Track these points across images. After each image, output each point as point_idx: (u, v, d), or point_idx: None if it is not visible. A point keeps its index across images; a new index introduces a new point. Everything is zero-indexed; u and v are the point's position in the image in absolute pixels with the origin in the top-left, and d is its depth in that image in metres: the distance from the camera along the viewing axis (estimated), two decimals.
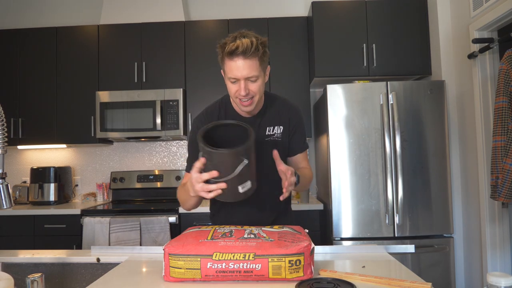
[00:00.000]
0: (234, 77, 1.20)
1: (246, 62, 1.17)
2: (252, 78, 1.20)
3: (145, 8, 3.16)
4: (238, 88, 1.21)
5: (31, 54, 3.11)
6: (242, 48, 1.16)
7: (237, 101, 1.26)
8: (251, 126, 1.27)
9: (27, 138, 3.08)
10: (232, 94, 1.26)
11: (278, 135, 1.36)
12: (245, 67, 1.18)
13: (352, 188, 2.44)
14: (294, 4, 3.39)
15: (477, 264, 2.41)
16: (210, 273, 0.96)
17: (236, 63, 1.18)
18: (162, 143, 3.41)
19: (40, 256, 1.34)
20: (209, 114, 1.37)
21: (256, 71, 1.20)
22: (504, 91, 1.93)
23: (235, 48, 1.16)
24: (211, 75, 3.04)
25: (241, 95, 1.22)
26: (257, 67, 1.20)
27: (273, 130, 1.35)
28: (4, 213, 2.74)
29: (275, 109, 1.38)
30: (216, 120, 1.33)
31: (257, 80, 1.22)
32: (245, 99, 1.23)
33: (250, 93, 1.22)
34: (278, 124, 1.36)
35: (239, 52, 1.16)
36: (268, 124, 1.36)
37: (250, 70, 1.18)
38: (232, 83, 1.23)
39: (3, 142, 1.01)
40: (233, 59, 1.18)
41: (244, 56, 1.17)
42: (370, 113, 2.46)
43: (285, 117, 1.37)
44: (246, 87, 1.20)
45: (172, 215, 2.66)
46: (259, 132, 1.34)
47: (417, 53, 2.83)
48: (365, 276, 0.99)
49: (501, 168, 1.92)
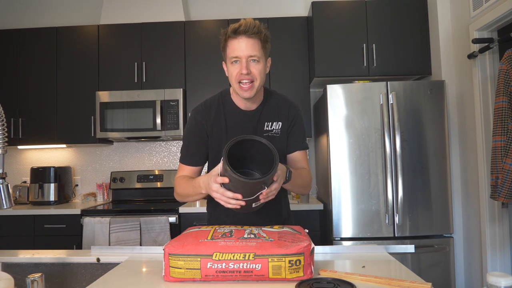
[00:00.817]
0: (236, 55, 1.21)
1: (248, 41, 1.19)
2: (254, 57, 1.21)
3: (145, 8, 3.16)
4: (240, 68, 1.21)
5: (31, 54, 3.11)
6: (245, 26, 1.18)
7: (237, 86, 1.24)
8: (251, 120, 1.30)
9: (27, 138, 3.08)
10: (233, 78, 1.24)
11: (277, 131, 1.35)
12: (247, 45, 1.19)
13: (352, 188, 2.44)
14: (294, 4, 3.39)
15: (477, 264, 2.41)
16: (210, 273, 0.96)
17: (238, 42, 1.20)
18: (162, 143, 3.41)
19: (40, 256, 1.34)
20: (208, 106, 1.36)
21: (258, 51, 1.21)
22: (504, 91, 1.93)
23: (238, 26, 1.19)
24: (211, 75, 3.04)
25: (243, 73, 1.20)
26: (259, 48, 1.21)
27: (271, 126, 1.34)
28: (4, 213, 2.75)
29: (274, 104, 1.37)
30: (214, 113, 1.33)
31: (259, 62, 1.22)
32: (246, 81, 1.21)
33: (252, 75, 1.22)
34: (277, 119, 1.35)
35: (242, 29, 1.18)
36: (267, 119, 1.35)
37: (252, 48, 1.20)
38: (233, 64, 1.23)
39: (3, 142, 1.01)
40: (236, 37, 1.20)
41: (246, 35, 1.19)
42: (370, 113, 2.46)
43: (284, 113, 1.36)
44: (248, 67, 1.21)
45: (172, 215, 2.66)
46: (258, 127, 1.33)
47: (417, 53, 2.83)
48: (365, 276, 0.99)
49: (501, 168, 1.92)
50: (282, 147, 1.36)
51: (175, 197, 1.40)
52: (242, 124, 1.34)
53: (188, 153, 1.39)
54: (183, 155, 1.40)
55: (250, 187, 1.05)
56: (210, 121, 1.34)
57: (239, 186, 1.06)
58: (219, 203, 1.14)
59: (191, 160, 1.38)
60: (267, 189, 1.07)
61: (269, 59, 1.31)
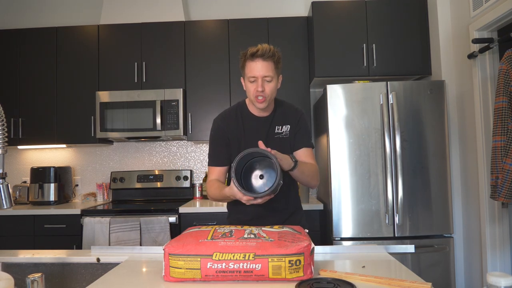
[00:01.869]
0: (254, 75, 1.43)
1: (264, 63, 1.42)
2: (268, 78, 1.44)
3: (145, 8, 3.16)
4: (256, 86, 1.43)
5: (31, 54, 3.11)
6: (262, 50, 1.41)
7: (254, 99, 1.47)
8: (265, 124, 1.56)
9: (27, 138, 3.08)
10: (250, 93, 1.47)
11: (286, 132, 1.56)
12: (263, 67, 1.42)
13: (352, 188, 2.44)
14: (294, 4, 3.39)
15: (477, 264, 2.41)
16: (210, 273, 0.96)
17: (256, 64, 1.42)
18: (162, 143, 3.41)
19: (40, 256, 1.34)
20: (227, 114, 1.60)
21: (272, 72, 1.44)
22: (504, 91, 1.93)
23: (256, 50, 1.41)
24: (211, 75, 3.04)
25: (258, 91, 1.43)
26: (273, 69, 1.44)
27: (281, 129, 1.56)
28: (4, 213, 2.75)
29: (283, 111, 1.59)
30: (233, 121, 1.58)
31: (272, 81, 1.45)
32: (261, 96, 1.44)
33: (265, 92, 1.44)
34: (286, 123, 1.57)
35: (259, 53, 1.41)
36: (277, 124, 1.56)
37: (267, 70, 1.43)
38: (251, 82, 1.45)
39: (3, 142, 1.01)
40: (254, 60, 1.42)
41: (263, 58, 1.41)
42: (370, 113, 2.46)
43: (291, 117, 1.57)
44: (263, 85, 1.43)
45: (172, 215, 2.66)
46: (270, 130, 1.56)
47: (417, 53, 2.83)
48: (365, 276, 0.99)
49: (501, 168, 1.92)
50: (290, 147, 1.56)
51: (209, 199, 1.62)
52: (257, 127, 1.56)
53: (215, 156, 1.59)
54: (210, 159, 1.60)
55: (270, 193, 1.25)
56: (231, 126, 1.57)
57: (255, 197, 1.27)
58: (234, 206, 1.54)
59: (218, 161, 1.58)
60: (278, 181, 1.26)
61: (281, 76, 1.53)
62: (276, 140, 1.54)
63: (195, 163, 3.39)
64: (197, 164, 3.39)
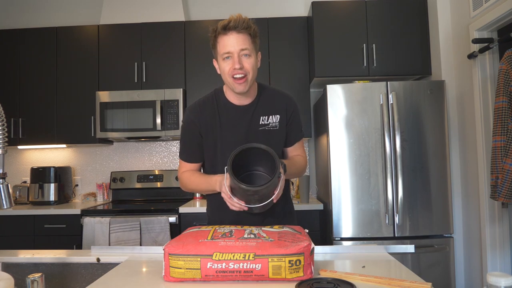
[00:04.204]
0: (228, 51, 1.23)
1: (239, 36, 1.22)
2: (245, 51, 1.23)
3: (145, 8, 3.16)
4: (232, 63, 1.23)
5: (31, 54, 3.11)
6: (234, 22, 1.21)
7: (231, 81, 1.25)
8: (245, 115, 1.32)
9: (27, 138, 3.08)
10: (226, 73, 1.25)
11: (274, 124, 1.35)
12: (238, 40, 1.22)
13: (352, 188, 2.44)
14: (294, 4, 3.39)
15: (477, 264, 2.41)
16: (210, 273, 0.96)
17: (229, 37, 1.22)
18: (162, 143, 3.41)
19: (40, 256, 1.34)
20: (201, 105, 1.38)
21: (249, 45, 1.24)
22: (504, 91, 1.93)
23: (228, 22, 1.22)
24: (211, 75, 3.04)
25: (236, 68, 1.22)
26: (250, 42, 1.24)
27: (267, 119, 1.35)
28: (4, 213, 2.75)
29: (269, 98, 1.37)
30: (209, 110, 1.35)
31: (251, 56, 1.24)
32: (239, 75, 1.23)
33: (244, 69, 1.23)
34: (274, 113, 1.36)
35: (232, 25, 1.21)
36: (262, 113, 1.35)
37: (243, 42, 1.22)
38: (225, 60, 1.25)
39: (3, 142, 1.01)
40: (227, 33, 1.23)
41: (236, 30, 1.22)
42: (370, 113, 2.46)
43: (280, 106, 1.37)
44: (240, 61, 1.22)
45: (172, 215, 2.66)
46: (252, 121, 1.34)
47: (417, 53, 2.83)
48: (365, 276, 0.99)
49: (501, 168, 1.92)
50: (282, 140, 1.38)
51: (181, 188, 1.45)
52: (236, 119, 1.34)
53: (185, 151, 1.42)
54: (181, 152, 1.43)
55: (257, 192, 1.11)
56: (204, 120, 1.35)
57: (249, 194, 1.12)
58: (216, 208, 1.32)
59: (189, 157, 1.42)
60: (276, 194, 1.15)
61: (259, 54, 1.33)
62: (260, 133, 1.32)
63: None
64: None
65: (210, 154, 1.38)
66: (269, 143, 1.20)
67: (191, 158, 1.41)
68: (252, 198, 1.14)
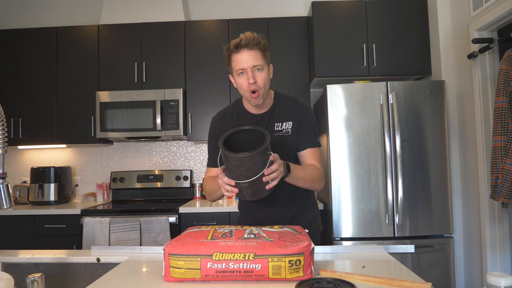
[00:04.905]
0: (242, 68, 1.33)
1: (250, 53, 1.32)
2: (258, 66, 1.33)
3: (145, 8, 3.16)
4: (247, 79, 1.34)
5: (31, 54, 3.11)
6: (246, 39, 1.31)
7: (247, 95, 1.37)
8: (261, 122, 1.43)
9: (27, 138, 3.08)
10: (243, 89, 1.36)
11: (287, 130, 1.43)
12: (250, 57, 1.32)
13: (352, 188, 2.44)
14: (294, 4, 3.39)
15: (477, 264, 2.41)
16: (210, 273, 0.96)
17: (242, 55, 1.32)
18: (162, 143, 3.41)
19: (40, 256, 1.34)
20: (223, 114, 1.53)
21: (260, 60, 1.34)
22: (504, 91, 1.93)
23: (239, 41, 1.32)
24: (211, 75, 3.04)
25: (250, 83, 1.33)
26: (261, 57, 1.34)
27: (281, 126, 1.44)
28: (4, 213, 2.75)
29: (283, 106, 1.47)
30: (229, 119, 1.48)
31: (263, 70, 1.35)
32: (253, 89, 1.34)
33: (257, 85, 1.34)
34: (287, 119, 1.44)
35: (243, 43, 1.31)
36: (277, 120, 1.44)
37: (255, 59, 1.33)
38: (240, 75, 1.36)
39: (3, 142, 1.01)
40: (239, 51, 1.33)
41: (248, 48, 1.32)
42: (370, 113, 2.46)
43: (293, 113, 1.45)
44: (253, 76, 1.33)
45: (172, 215, 2.66)
46: (268, 128, 1.43)
47: (417, 53, 2.83)
48: (365, 276, 0.99)
49: (501, 168, 1.92)
50: (293, 145, 1.45)
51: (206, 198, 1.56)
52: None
53: (210, 157, 1.55)
54: (208, 160, 1.57)
55: (245, 162, 1.12)
56: (225, 127, 1.43)
57: (236, 165, 1.13)
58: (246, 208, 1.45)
59: (212, 163, 1.52)
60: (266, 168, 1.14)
61: (271, 66, 1.43)
62: (276, 139, 1.42)
63: (195, 163, 3.39)
64: (197, 164, 3.39)
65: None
66: (283, 147, 1.37)
67: (214, 163, 1.46)
68: (239, 171, 1.14)
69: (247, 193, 1.20)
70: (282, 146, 1.38)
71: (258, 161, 1.13)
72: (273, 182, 1.18)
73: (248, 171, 1.14)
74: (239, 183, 1.16)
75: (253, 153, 1.10)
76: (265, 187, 1.17)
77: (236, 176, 1.16)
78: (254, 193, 1.20)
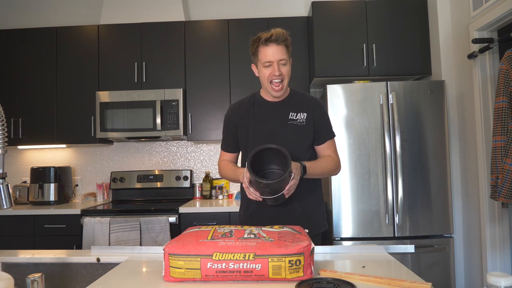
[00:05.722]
0: (269, 60, 1.44)
1: (278, 48, 1.43)
2: (283, 61, 1.45)
3: (145, 8, 3.16)
4: (272, 70, 1.45)
5: (31, 54, 3.11)
6: (276, 35, 1.42)
7: (269, 86, 1.48)
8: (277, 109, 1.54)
9: (27, 138, 3.08)
10: (265, 78, 1.47)
11: (302, 120, 1.54)
12: (278, 51, 1.43)
13: (352, 188, 2.44)
14: (294, 4, 3.39)
15: (477, 264, 2.41)
16: (210, 273, 0.96)
17: (270, 48, 1.43)
18: (162, 143, 3.41)
19: (40, 256, 1.34)
20: (240, 102, 1.63)
21: (286, 55, 1.45)
22: (504, 91, 1.93)
23: (270, 35, 1.42)
24: (211, 75, 3.04)
25: (275, 75, 1.44)
26: (286, 52, 1.46)
27: (296, 116, 1.54)
28: (4, 213, 2.74)
29: (299, 99, 1.58)
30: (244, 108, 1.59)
31: (286, 64, 1.47)
32: (278, 80, 1.46)
33: (282, 75, 1.46)
34: (302, 111, 1.54)
35: (273, 38, 1.42)
36: (292, 110, 1.54)
37: (282, 53, 1.44)
38: (266, 67, 1.46)
39: (3, 142, 1.01)
40: (268, 45, 1.43)
41: (276, 43, 1.43)
42: (370, 113, 2.46)
43: (308, 106, 1.55)
44: (279, 69, 1.44)
45: (172, 215, 2.66)
46: (282, 115, 1.54)
47: (417, 53, 2.83)
48: (365, 276, 0.99)
49: (501, 168, 1.92)
50: (308, 136, 1.55)
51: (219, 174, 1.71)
52: (268, 112, 1.56)
53: (224, 142, 1.67)
54: (222, 143, 1.68)
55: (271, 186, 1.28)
56: (240, 114, 1.59)
57: (263, 187, 1.29)
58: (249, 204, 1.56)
59: (226, 147, 1.66)
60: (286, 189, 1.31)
61: (291, 60, 1.53)
62: (290, 127, 1.52)
63: (195, 163, 3.39)
64: (197, 164, 3.39)
65: (244, 144, 1.59)
66: (295, 136, 1.50)
67: (228, 148, 1.65)
68: (265, 190, 1.31)
69: (269, 201, 1.37)
70: (295, 134, 1.50)
71: (282, 183, 1.28)
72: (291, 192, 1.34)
73: (272, 191, 1.31)
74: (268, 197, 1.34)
75: (278, 180, 1.25)
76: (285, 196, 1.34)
77: (262, 193, 1.34)
78: (275, 201, 1.37)
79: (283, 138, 1.49)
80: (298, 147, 1.50)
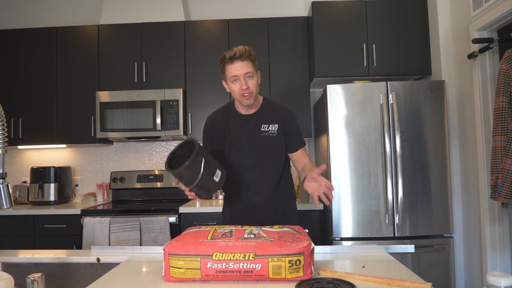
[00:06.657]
0: (235, 75, 1.52)
1: (243, 63, 1.51)
2: (249, 74, 1.52)
3: (145, 8, 3.16)
4: (240, 84, 1.52)
5: (31, 54, 3.11)
6: (239, 52, 1.50)
7: (240, 98, 1.55)
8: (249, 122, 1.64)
9: (27, 138, 3.08)
10: (236, 93, 1.55)
11: (273, 131, 1.63)
12: (243, 66, 1.51)
13: (352, 188, 2.44)
14: (294, 4, 3.39)
15: (477, 264, 2.41)
16: (210, 273, 0.97)
17: (235, 65, 1.51)
18: (162, 143, 3.41)
19: (40, 256, 1.34)
20: (216, 113, 1.73)
21: (251, 69, 1.53)
22: (504, 91, 1.93)
23: (234, 53, 1.50)
24: (211, 75, 3.04)
25: (243, 88, 1.51)
26: (251, 66, 1.53)
27: (268, 127, 1.63)
28: (4, 213, 2.75)
29: (270, 110, 1.67)
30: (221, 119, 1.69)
31: (253, 77, 1.54)
32: (246, 93, 1.53)
33: (249, 88, 1.53)
34: (273, 122, 1.64)
35: (237, 55, 1.50)
36: (263, 122, 1.64)
37: (247, 67, 1.52)
38: (234, 82, 1.54)
39: (3, 142, 1.01)
40: (233, 62, 1.51)
41: (241, 59, 1.51)
42: (370, 113, 2.46)
43: (279, 117, 1.65)
44: (246, 82, 1.52)
45: (172, 215, 2.66)
46: (255, 128, 1.63)
47: (417, 53, 2.83)
48: (365, 276, 0.99)
49: (501, 168, 1.92)
50: (280, 146, 1.65)
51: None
52: (241, 125, 1.65)
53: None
54: None
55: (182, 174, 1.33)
56: (217, 125, 1.68)
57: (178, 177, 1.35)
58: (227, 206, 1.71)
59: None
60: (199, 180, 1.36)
61: (259, 72, 1.62)
62: (262, 139, 1.62)
63: None
64: None
65: (222, 155, 1.65)
66: (268, 146, 1.61)
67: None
68: (184, 180, 1.36)
69: (200, 194, 1.41)
70: (267, 145, 1.61)
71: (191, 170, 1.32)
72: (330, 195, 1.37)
73: (188, 179, 1.34)
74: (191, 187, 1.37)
75: (183, 167, 1.29)
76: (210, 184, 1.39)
77: (184, 183, 1.37)
78: (205, 192, 1.41)
79: (257, 150, 1.61)
80: (271, 156, 1.63)
